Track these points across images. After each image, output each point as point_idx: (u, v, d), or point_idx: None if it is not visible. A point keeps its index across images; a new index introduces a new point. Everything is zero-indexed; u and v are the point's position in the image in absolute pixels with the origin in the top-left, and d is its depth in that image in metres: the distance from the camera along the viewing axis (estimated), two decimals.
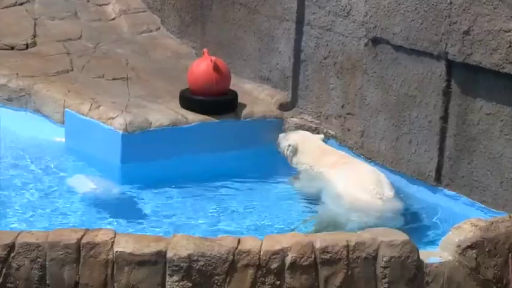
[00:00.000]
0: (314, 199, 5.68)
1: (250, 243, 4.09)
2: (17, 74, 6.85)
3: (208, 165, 6.17)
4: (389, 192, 5.44)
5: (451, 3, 5.25)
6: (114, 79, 6.99)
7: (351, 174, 5.56)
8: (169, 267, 4.00)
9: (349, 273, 4.12)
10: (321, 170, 5.82)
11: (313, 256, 4.09)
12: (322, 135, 6.26)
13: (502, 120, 5.12)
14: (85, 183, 5.43)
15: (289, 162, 6.16)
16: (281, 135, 6.31)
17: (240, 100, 6.56)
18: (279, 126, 6.52)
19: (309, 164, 5.95)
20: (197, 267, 4.00)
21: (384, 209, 5.32)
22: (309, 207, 5.62)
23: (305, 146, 6.09)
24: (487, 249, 4.33)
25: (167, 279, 4.00)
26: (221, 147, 6.29)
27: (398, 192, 5.55)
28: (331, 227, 5.14)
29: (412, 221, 5.37)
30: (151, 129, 6.09)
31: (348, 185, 5.49)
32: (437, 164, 5.53)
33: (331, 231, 4.87)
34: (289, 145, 6.13)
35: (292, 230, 5.13)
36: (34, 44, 7.66)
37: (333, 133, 6.39)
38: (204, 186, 5.85)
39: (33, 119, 6.54)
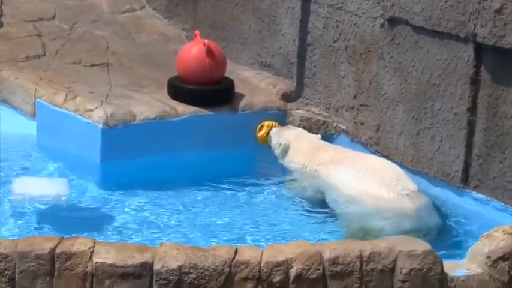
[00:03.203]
0: (313, 202, 5.69)
1: (249, 253, 4.10)
2: None
3: (200, 164, 6.18)
4: (413, 186, 5.44)
5: None
6: (92, 65, 6.99)
7: (361, 170, 5.54)
8: (156, 280, 4.00)
9: (363, 287, 4.12)
10: (315, 169, 5.82)
11: (321, 268, 4.09)
12: (319, 136, 6.25)
13: None
14: (34, 187, 5.44)
15: (280, 161, 6.16)
16: (273, 131, 6.30)
17: (237, 89, 6.57)
18: (282, 119, 6.53)
19: (301, 163, 5.95)
20: (188, 280, 4.01)
21: (415, 207, 5.31)
22: (309, 211, 5.63)
23: (297, 144, 6.09)
24: None
25: None
26: (215, 143, 6.29)
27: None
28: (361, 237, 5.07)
29: (438, 225, 5.37)
30: (135, 122, 6.09)
31: (362, 182, 5.47)
32: (464, 163, 5.53)
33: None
34: (280, 144, 6.14)
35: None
36: (0, 24, 7.65)
37: (344, 127, 6.40)
38: (196, 187, 5.86)
39: None
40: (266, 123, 6.35)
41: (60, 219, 5.34)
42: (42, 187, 5.49)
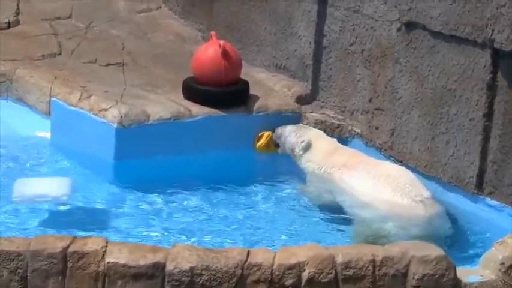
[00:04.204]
0: (326, 205, 5.68)
1: (261, 255, 4.10)
2: None
3: (214, 165, 6.18)
4: (427, 193, 5.42)
5: None
6: (107, 65, 7.01)
7: (375, 176, 5.53)
8: (168, 281, 4.01)
9: None
10: (329, 171, 5.79)
11: (333, 272, 4.08)
12: (335, 139, 6.18)
13: None
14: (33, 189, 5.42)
15: (295, 161, 6.10)
16: (288, 129, 6.23)
17: (251, 91, 6.56)
18: (297, 121, 6.51)
19: (318, 163, 5.91)
20: (200, 282, 4.01)
21: (428, 214, 5.29)
22: (322, 214, 5.61)
23: (317, 144, 6.05)
24: None
25: None
26: (230, 144, 6.29)
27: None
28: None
29: (449, 234, 5.36)
30: (149, 122, 6.09)
31: (376, 188, 5.46)
32: (479, 169, 5.51)
33: None
34: (303, 141, 6.08)
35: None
36: (17, 22, 7.69)
37: (359, 131, 6.38)
38: (210, 189, 5.86)
39: (14, 109, 6.57)
40: (266, 133, 6.33)
41: (72, 219, 5.35)
42: (42, 188, 5.43)
